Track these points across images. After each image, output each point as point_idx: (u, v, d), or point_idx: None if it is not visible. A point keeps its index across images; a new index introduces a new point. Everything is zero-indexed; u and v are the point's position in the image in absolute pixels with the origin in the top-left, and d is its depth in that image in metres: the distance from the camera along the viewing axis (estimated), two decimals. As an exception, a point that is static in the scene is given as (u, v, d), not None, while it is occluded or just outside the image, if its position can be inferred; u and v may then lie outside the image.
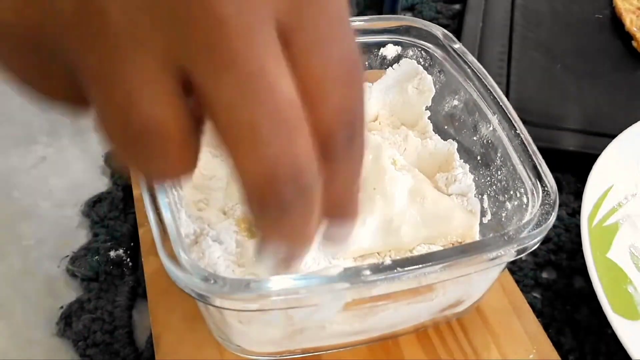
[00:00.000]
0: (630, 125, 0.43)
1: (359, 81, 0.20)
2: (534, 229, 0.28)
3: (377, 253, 0.33)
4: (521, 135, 0.32)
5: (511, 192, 0.32)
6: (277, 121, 0.17)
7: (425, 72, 0.38)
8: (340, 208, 0.22)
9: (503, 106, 0.34)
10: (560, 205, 0.42)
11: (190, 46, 0.16)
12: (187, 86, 0.17)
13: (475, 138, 0.36)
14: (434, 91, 0.38)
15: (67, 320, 0.36)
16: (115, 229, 0.41)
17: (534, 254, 0.41)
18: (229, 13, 0.16)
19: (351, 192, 0.21)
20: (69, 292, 0.38)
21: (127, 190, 0.43)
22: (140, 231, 0.38)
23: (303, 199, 0.19)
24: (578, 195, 0.44)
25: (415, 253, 0.33)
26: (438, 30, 0.38)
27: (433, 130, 0.39)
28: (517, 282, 0.37)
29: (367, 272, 0.25)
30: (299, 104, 0.18)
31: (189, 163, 0.19)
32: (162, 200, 0.27)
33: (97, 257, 0.39)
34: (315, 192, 0.19)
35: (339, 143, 0.19)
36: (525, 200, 0.31)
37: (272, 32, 0.17)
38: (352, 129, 0.20)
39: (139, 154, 0.18)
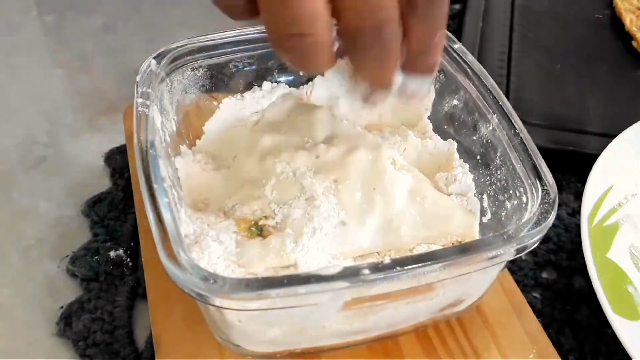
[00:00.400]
0: (630, 125, 0.43)
1: None
2: (534, 228, 0.28)
3: (377, 253, 0.33)
4: (521, 134, 0.32)
5: (511, 192, 0.32)
6: None
7: None
8: (418, 59, 0.27)
9: (503, 106, 0.34)
10: (560, 205, 0.42)
11: None
12: None
13: (475, 138, 0.36)
14: (434, 95, 0.38)
15: (67, 320, 0.36)
16: (115, 229, 0.41)
17: (533, 253, 0.41)
18: None
19: (430, 45, 0.27)
20: (69, 292, 0.38)
21: (127, 190, 0.43)
22: (140, 231, 0.38)
23: (382, 46, 0.25)
24: (578, 195, 0.44)
25: (415, 253, 0.32)
26: (438, 30, 0.38)
27: (433, 130, 0.39)
28: (517, 282, 0.37)
29: (367, 271, 0.25)
30: None
31: (332, 52, 0.25)
32: (162, 201, 0.27)
33: (97, 257, 0.39)
34: (392, 43, 0.25)
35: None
36: (524, 199, 0.31)
37: None
38: None
39: (302, 43, 0.24)
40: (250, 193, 0.34)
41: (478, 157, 0.36)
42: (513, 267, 0.40)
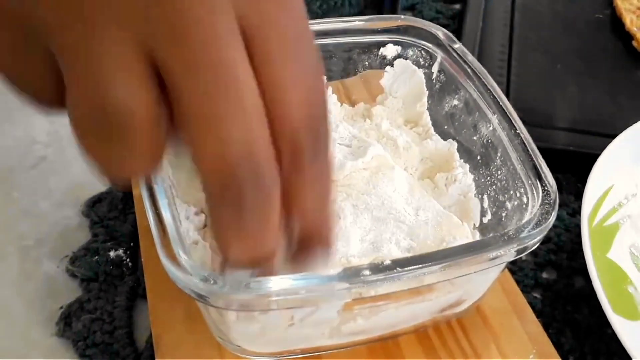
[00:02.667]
0: (631, 125, 0.43)
1: (321, 86, 0.19)
2: (534, 229, 0.28)
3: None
4: (521, 134, 0.32)
5: (511, 192, 0.32)
6: (236, 107, 0.17)
7: (420, 70, 0.39)
8: (310, 230, 0.21)
9: (503, 106, 0.34)
10: (560, 206, 0.42)
11: (159, 32, 0.17)
12: (159, 77, 0.17)
13: (475, 138, 0.36)
14: (427, 92, 0.38)
15: (67, 321, 0.36)
16: (115, 229, 0.41)
17: (534, 254, 0.41)
18: (190, 5, 0.16)
19: (322, 212, 0.21)
20: (69, 293, 0.38)
21: (127, 190, 0.43)
22: (140, 231, 0.38)
23: (258, 189, 0.18)
24: (578, 195, 0.44)
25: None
26: (438, 30, 0.38)
27: (433, 129, 0.39)
28: (518, 282, 0.37)
29: (367, 272, 0.25)
30: (258, 95, 0.18)
31: (155, 157, 0.18)
32: (162, 201, 0.27)
33: (96, 257, 0.39)
34: (271, 188, 0.19)
35: (303, 147, 0.19)
36: (525, 200, 0.31)
37: (233, 25, 0.17)
38: (316, 135, 0.19)
39: (104, 141, 0.18)
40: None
41: (478, 158, 0.36)
42: (513, 267, 0.40)
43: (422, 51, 0.38)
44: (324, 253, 0.22)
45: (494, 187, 0.34)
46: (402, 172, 0.36)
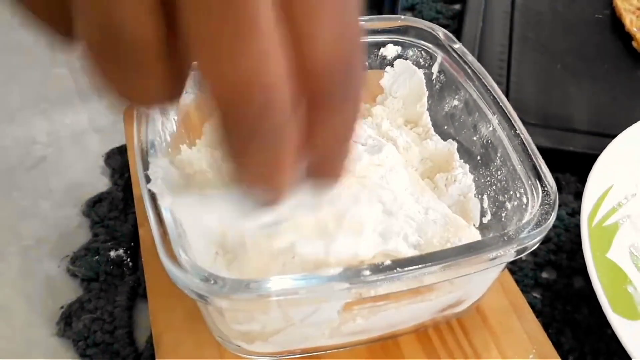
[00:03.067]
0: (630, 125, 0.43)
1: (357, 23, 0.18)
2: (534, 229, 0.28)
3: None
4: (521, 135, 0.32)
5: (511, 192, 0.32)
6: (250, 33, 0.16)
7: (420, 71, 0.39)
8: (322, 165, 0.20)
9: (503, 106, 0.34)
10: (560, 205, 0.42)
11: None
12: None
13: (475, 138, 0.36)
14: (427, 93, 0.38)
15: (67, 320, 0.37)
16: (115, 229, 0.41)
17: (534, 254, 0.41)
18: None
19: (340, 149, 0.20)
20: (69, 292, 0.38)
21: (128, 190, 0.43)
22: (141, 231, 0.38)
23: (269, 123, 0.17)
24: (578, 195, 0.44)
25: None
26: (438, 31, 0.38)
27: (433, 130, 0.39)
28: (517, 282, 0.37)
29: (367, 272, 0.25)
30: (276, 20, 0.16)
31: (170, 84, 0.18)
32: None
33: (97, 257, 0.39)
34: (285, 125, 0.17)
35: (331, 87, 0.18)
36: (525, 200, 0.31)
37: None
38: (348, 76, 0.18)
39: (113, 62, 0.17)
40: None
41: (478, 158, 0.36)
42: (513, 267, 0.40)
43: (422, 51, 0.39)
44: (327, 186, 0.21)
45: (493, 187, 0.34)
46: (414, 174, 0.36)
